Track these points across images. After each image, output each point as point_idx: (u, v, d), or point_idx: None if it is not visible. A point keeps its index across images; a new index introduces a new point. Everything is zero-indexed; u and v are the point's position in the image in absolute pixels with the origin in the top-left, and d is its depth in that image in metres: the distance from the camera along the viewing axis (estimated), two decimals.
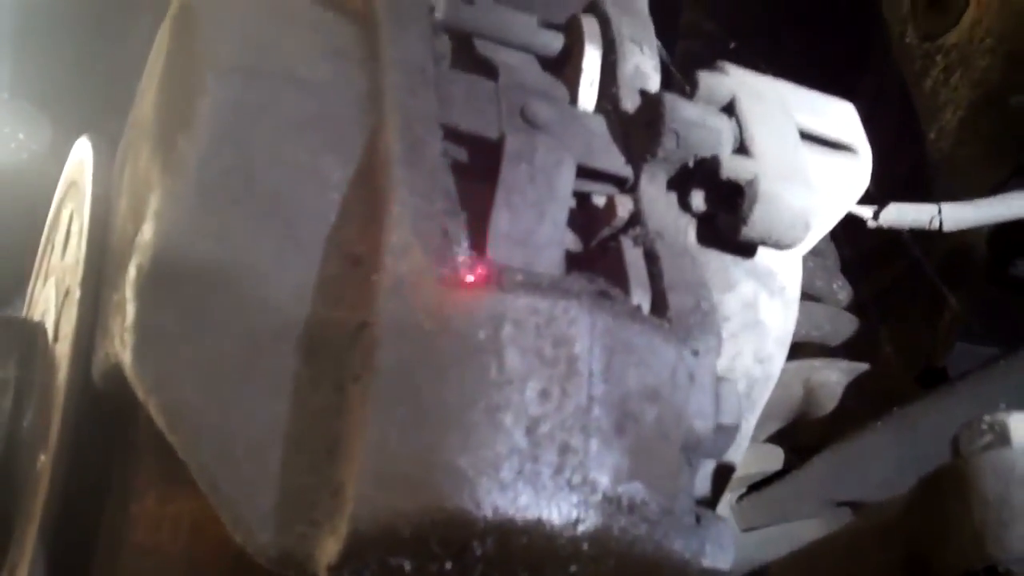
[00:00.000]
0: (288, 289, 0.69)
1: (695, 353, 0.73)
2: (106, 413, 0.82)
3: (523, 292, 0.67)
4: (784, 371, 1.31)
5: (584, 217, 0.80)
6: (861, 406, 1.30)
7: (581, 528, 0.65)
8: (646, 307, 0.74)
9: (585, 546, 0.66)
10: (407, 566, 0.64)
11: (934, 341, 1.52)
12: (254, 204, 0.70)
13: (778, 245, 0.81)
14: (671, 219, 0.80)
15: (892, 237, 1.62)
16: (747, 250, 0.84)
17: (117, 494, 0.83)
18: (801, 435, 1.32)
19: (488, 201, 0.75)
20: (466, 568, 0.64)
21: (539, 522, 0.64)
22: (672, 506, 0.70)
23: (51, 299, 0.97)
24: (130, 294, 0.69)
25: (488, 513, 0.63)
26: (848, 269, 1.53)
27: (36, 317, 1.01)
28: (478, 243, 0.72)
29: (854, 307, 1.51)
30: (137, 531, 0.83)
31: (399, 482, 0.64)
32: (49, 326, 0.94)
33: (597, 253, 0.79)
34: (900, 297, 1.60)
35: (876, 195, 1.09)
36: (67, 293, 0.90)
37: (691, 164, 0.80)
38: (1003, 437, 0.71)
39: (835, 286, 1.44)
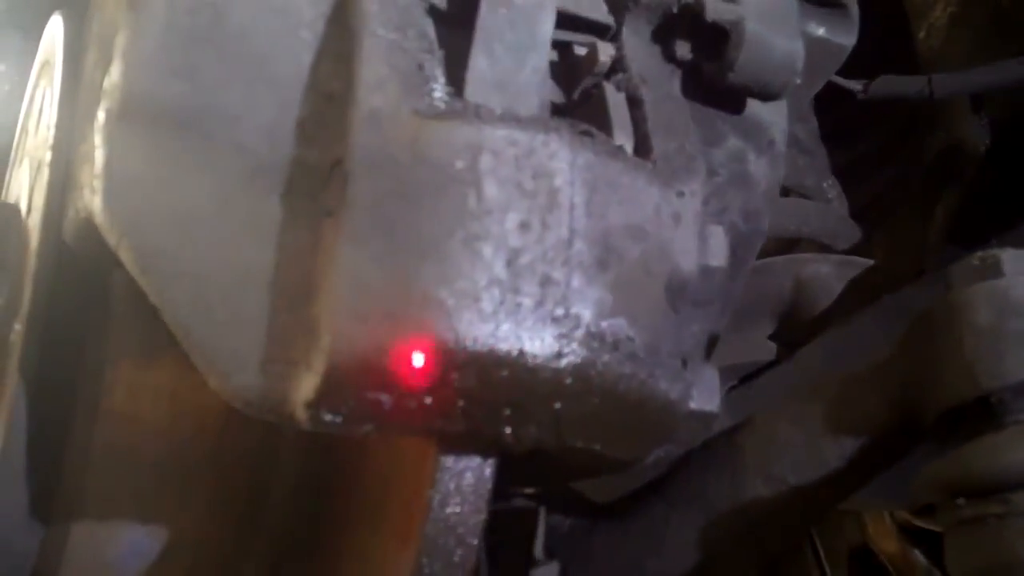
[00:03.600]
0: (261, 129, 0.67)
1: (680, 194, 0.71)
2: (80, 277, 0.80)
3: (501, 124, 0.65)
4: (774, 264, 1.31)
5: (566, 67, 0.78)
6: (857, 306, 1.28)
7: (564, 362, 0.64)
8: (629, 149, 0.72)
9: (568, 380, 0.64)
10: (385, 401, 0.62)
11: (925, 244, 1.50)
12: (224, 43, 0.68)
13: (765, 92, 0.79)
14: (656, 68, 0.78)
15: (885, 142, 1.61)
16: (734, 102, 0.82)
17: (93, 361, 0.81)
18: (796, 335, 1.31)
19: (466, 47, 0.72)
20: (446, 402, 0.63)
21: (520, 354, 0.63)
22: (658, 346, 0.69)
23: (25, 178, 0.94)
24: (99, 140, 0.67)
25: (467, 344, 0.62)
26: (841, 174, 1.51)
27: (11, 201, 0.99)
28: (456, 87, 0.70)
29: (847, 212, 1.49)
30: (114, 399, 0.81)
31: (375, 315, 0.62)
32: (23, 203, 0.92)
33: (580, 103, 0.77)
34: (893, 201, 1.58)
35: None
36: (39, 166, 0.88)
37: (675, 10, 0.78)
38: (995, 269, 0.69)
39: (825, 184, 1.42)
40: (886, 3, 1.51)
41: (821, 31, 0.88)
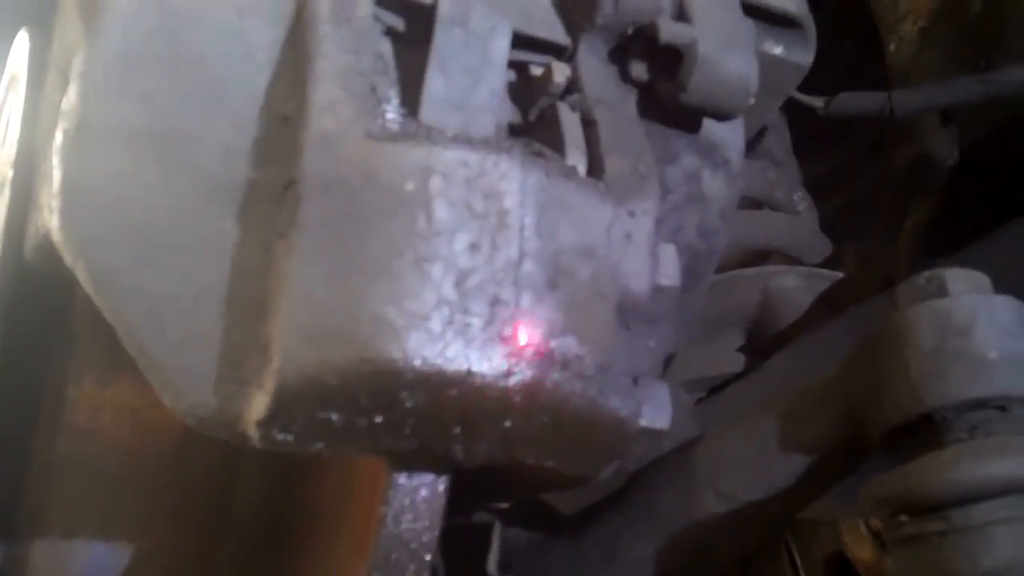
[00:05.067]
0: (216, 151, 0.68)
1: (632, 214, 0.72)
2: (42, 294, 0.81)
3: (452, 145, 0.66)
4: (742, 276, 1.33)
5: (523, 88, 0.79)
6: (825, 318, 1.29)
7: (512, 380, 0.65)
8: (582, 169, 0.73)
9: (517, 399, 0.65)
10: (336, 420, 0.63)
11: (896, 255, 1.51)
12: (180, 66, 0.68)
13: (719, 113, 0.80)
14: (612, 88, 0.79)
15: (855, 155, 1.62)
16: (689, 121, 0.83)
17: (55, 377, 0.82)
18: (764, 346, 1.32)
19: (423, 68, 0.73)
20: (396, 422, 0.64)
21: (469, 373, 0.64)
22: (608, 364, 0.69)
23: None
24: (56, 160, 0.67)
25: (416, 364, 0.63)
26: (812, 187, 1.53)
27: None
28: (411, 107, 0.71)
29: (818, 225, 1.50)
30: (76, 414, 0.82)
31: (326, 335, 0.63)
32: None
33: (536, 123, 0.78)
34: (863, 214, 1.60)
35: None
36: (3, 182, 0.88)
37: (630, 32, 0.79)
38: (940, 289, 0.70)
39: (795, 197, 1.44)
40: (858, 17, 1.53)
41: (778, 50, 0.89)
